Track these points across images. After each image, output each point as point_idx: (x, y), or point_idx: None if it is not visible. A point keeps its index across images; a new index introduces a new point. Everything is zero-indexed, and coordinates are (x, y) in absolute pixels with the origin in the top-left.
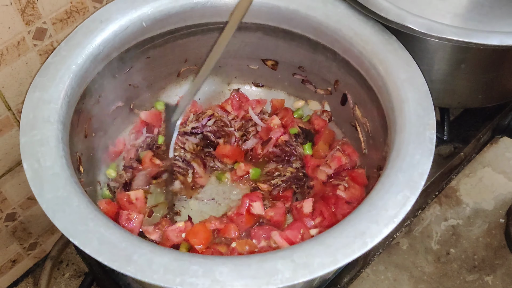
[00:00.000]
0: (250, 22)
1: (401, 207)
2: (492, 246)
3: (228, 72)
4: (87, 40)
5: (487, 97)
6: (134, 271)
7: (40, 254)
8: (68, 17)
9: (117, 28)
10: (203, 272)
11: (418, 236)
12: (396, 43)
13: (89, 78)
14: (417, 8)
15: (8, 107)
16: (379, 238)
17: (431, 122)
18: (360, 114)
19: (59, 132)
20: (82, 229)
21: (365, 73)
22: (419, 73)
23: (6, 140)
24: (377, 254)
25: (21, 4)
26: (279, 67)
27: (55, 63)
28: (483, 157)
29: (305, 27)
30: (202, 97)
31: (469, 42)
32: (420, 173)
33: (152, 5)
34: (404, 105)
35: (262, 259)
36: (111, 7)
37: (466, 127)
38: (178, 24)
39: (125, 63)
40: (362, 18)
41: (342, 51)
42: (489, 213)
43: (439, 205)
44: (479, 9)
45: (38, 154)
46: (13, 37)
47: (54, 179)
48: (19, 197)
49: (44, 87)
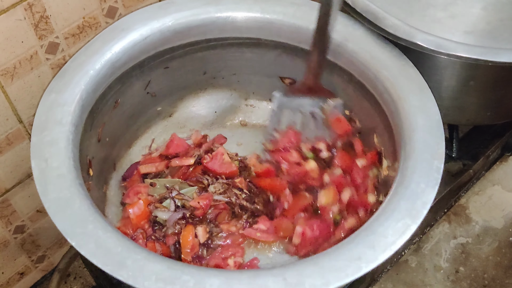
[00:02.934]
0: (270, 40)
1: (400, 235)
2: (502, 265)
3: (246, 88)
4: (106, 47)
5: (496, 115)
6: (126, 276)
7: (48, 267)
8: (80, 32)
9: (137, 37)
10: (194, 283)
11: (427, 253)
12: (412, 69)
13: (106, 84)
14: (427, 25)
15: (20, 120)
16: (374, 264)
17: (440, 152)
18: (376, 141)
19: (70, 134)
20: (81, 231)
21: (379, 97)
22: (433, 101)
23: (17, 152)
24: (385, 271)
25: (34, 19)
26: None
27: (73, 67)
28: (493, 175)
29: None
30: (218, 110)
31: (478, 59)
32: (423, 202)
33: (173, 17)
34: (414, 133)
35: (254, 275)
36: (133, 17)
37: (475, 145)
38: (198, 37)
39: (144, 72)
40: (380, 42)
41: (357, 73)
42: (498, 232)
43: (448, 222)
44: (488, 27)
45: (47, 154)
46: (26, 51)
47: (59, 180)
48: (28, 210)
49: (60, 90)
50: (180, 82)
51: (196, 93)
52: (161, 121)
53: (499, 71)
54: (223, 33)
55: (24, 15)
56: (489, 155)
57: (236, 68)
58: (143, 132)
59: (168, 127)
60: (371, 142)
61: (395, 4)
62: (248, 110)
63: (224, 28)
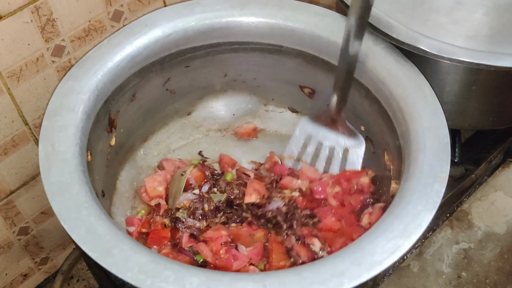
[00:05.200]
0: (291, 47)
1: (389, 254)
2: (504, 270)
3: (266, 93)
4: (128, 41)
5: (499, 120)
6: (109, 265)
7: (51, 269)
8: (86, 35)
9: (160, 34)
10: (174, 279)
11: (429, 258)
12: (428, 89)
13: (124, 76)
14: (430, 30)
15: (25, 122)
16: (358, 282)
17: (443, 176)
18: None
19: (80, 121)
20: (74, 216)
21: (392, 115)
22: (444, 123)
23: (22, 154)
24: (387, 275)
25: (41, 22)
26: (315, 96)
27: (93, 57)
28: (495, 181)
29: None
30: (237, 113)
31: (480, 64)
32: (417, 225)
33: (197, 17)
34: (420, 154)
35: (235, 278)
36: (159, 14)
37: (478, 149)
38: (220, 39)
39: (164, 69)
40: (400, 60)
41: (374, 89)
42: (501, 237)
43: (451, 228)
44: (491, 32)
45: (55, 138)
46: (32, 54)
47: (62, 164)
48: (32, 211)
49: (77, 78)
50: (200, 82)
51: (216, 94)
52: (179, 119)
53: (501, 76)
54: (246, 37)
55: (31, 17)
56: (491, 160)
57: (257, 73)
58: (160, 128)
59: (185, 125)
60: (382, 160)
61: (398, 9)
62: (267, 116)
63: (247, 32)
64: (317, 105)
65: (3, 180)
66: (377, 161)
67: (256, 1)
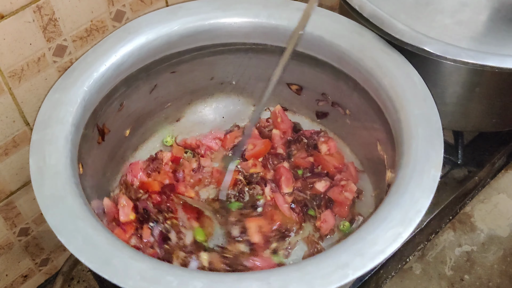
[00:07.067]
0: (276, 45)
1: (391, 242)
2: (507, 273)
3: (254, 93)
4: (112, 49)
5: (502, 122)
6: (110, 275)
7: (52, 271)
8: (88, 35)
9: (143, 40)
10: (177, 284)
11: (432, 261)
12: (417, 77)
13: (110, 86)
14: (433, 31)
15: (26, 122)
16: (362, 271)
17: (438, 161)
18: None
19: (69, 133)
20: (71, 228)
21: (382, 106)
22: (435, 110)
23: (22, 155)
24: (389, 278)
25: (43, 21)
26: (303, 92)
27: (79, 68)
28: (498, 183)
29: (329, 54)
30: (226, 115)
31: (484, 65)
32: (416, 211)
33: (180, 22)
34: (413, 141)
35: (238, 278)
36: (141, 20)
37: (480, 151)
38: (205, 42)
39: (150, 76)
40: (386, 50)
41: (362, 81)
42: (504, 240)
43: (453, 230)
44: (495, 33)
45: (45, 152)
46: (34, 53)
47: (55, 177)
48: (33, 212)
49: (64, 90)
50: (187, 87)
51: (204, 98)
52: (169, 126)
53: (505, 77)
54: (231, 39)
55: (33, 17)
56: (494, 162)
57: (244, 74)
58: (150, 136)
59: (175, 131)
60: (375, 150)
61: (402, 10)
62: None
63: (232, 33)
64: (305, 101)
65: (4, 180)
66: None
67: (240, 1)
